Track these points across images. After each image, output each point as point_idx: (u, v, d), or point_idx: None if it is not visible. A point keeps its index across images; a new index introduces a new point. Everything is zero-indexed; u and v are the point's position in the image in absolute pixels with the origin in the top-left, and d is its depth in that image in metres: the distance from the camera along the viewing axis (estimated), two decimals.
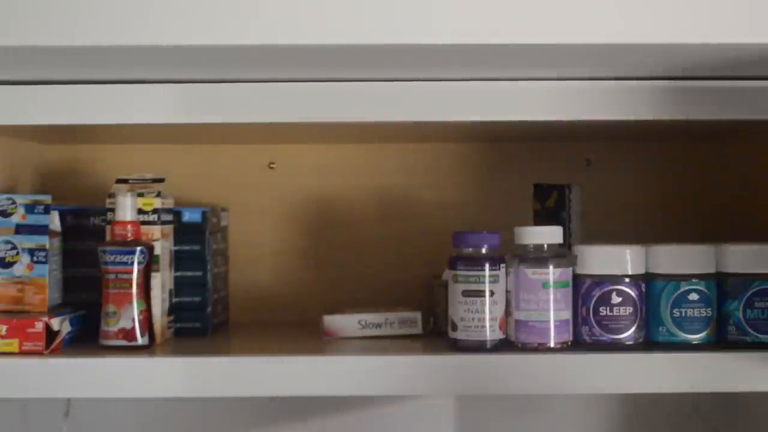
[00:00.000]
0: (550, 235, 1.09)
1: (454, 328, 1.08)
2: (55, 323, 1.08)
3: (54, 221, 1.16)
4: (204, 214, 1.21)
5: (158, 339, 1.13)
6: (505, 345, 1.08)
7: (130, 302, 1.08)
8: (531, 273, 1.07)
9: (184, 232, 1.20)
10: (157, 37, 0.92)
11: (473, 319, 1.07)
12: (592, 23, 0.92)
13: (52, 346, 1.08)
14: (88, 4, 0.92)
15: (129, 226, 1.10)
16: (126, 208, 1.10)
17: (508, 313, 1.09)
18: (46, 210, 1.14)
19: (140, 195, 1.13)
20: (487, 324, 1.07)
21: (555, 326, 1.07)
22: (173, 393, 1.04)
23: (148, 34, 0.92)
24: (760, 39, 0.92)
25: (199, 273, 1.21)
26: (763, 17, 0.92)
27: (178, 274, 1.19)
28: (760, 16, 0.92)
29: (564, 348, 1.07)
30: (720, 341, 1.09)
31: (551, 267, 1.07)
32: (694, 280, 1.08)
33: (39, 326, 1.07)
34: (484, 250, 1.09)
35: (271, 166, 1.38)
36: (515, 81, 1.06)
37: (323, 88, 1.05)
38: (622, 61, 1.00)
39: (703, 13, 0.92)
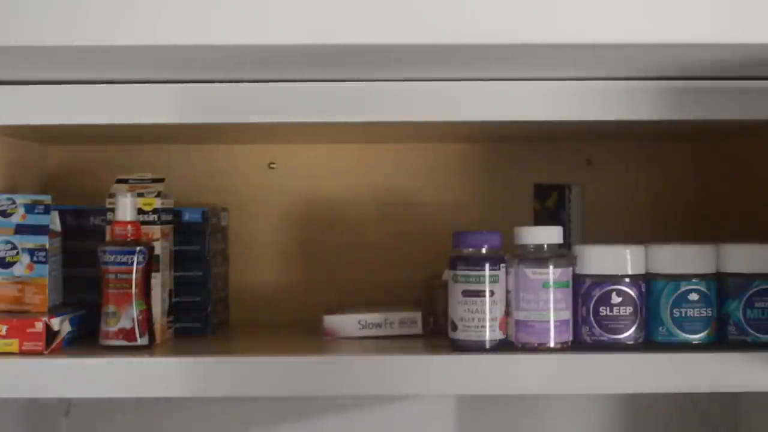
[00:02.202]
0: (550, 235, 1.09)
1: (454, 328, 1.08)
2: (55, 323, 1.08)
3: (54, 221, 1.16)
4: (204, 214, 1.21)
5: (158, 339, 1.13)
6: (505, 345, 1.08)
7: (130, 302, 1.08)
8: (531, 273, 1.07)
9: (184, 232, 1.20)
10: (157, 37, 0.92)
11: (473, 319, 1.07)
12: (591, 23, 0.92)
13: (52, 346, 1.08)
14: (88, 4, 0.92)
15: (129, 226, 1.10)
16: (126, 208, 1.10)
17: (508, 313, 1.09)
18: (46, 210, 1.14)
19: (140, 195, 1.13)
20: (487, 324, 1.07)
21: (555, 326, 1.07)
22: (173, 393, 1.04)
23: (149, 34, 0.92)
24: (760, 39, 0.92)
25: (199, 273, 1.21)
26: (763, 17, 0.92)
27: (178, 274, 1.19)
28: (760, 16, 0.92)
29: (564, 348, 1.07)
30: (720, 341, 1.09)
31: (551, 267, 1.07)
32: (694, 280, 1.08)
33: (39, 326, 1.07)
34: (484, 250, 1.09)
35: (271, 166, 1.38)
36: (515, 81, 1.06)
37: (323, 88, 1.05)
38: (622, 61, 1.00)
39: (703, 13, 0.92)
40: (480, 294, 1.07)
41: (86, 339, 1.12)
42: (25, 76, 1.05)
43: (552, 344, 1.07)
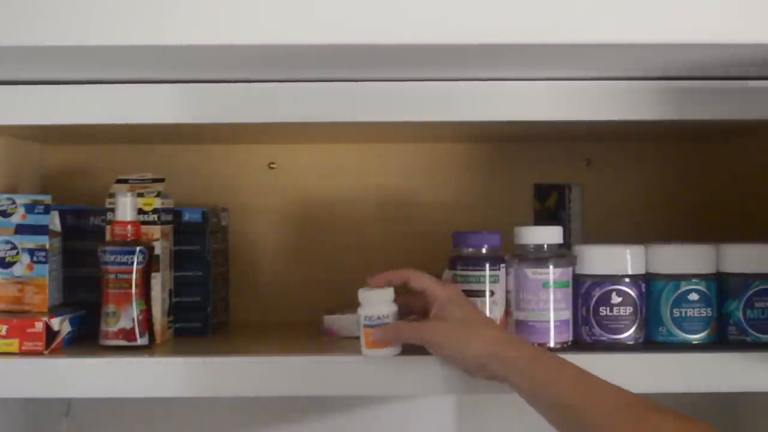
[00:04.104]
0: (550, 235, 1.09)
1: None
2: (55, 323, 1.08)
3: (54, 221, 1.16)
4: (204, 214, 1.21)
5: (158, 339, 1.13)
6: None
7: (130, 302, 1.08)
8: (531, 273, 1.07)
9: (184, 232, 1.20)
10: (157, 37, 0.92)
11: None
12: (592, 23, 0.92)
13: (52, 346, 1.08)
14: (88, 4, 0.92)
15: (129, 226, 1.10)
16: (126, 208, 1.10)
17: (508, 313, 1.09)
18: (46, 210, 1.14)
19: (140, 195, 1.13)
20: None
21: (555, 326, 1.07)
22: (173, 393, 1.04)
23: (148, 34, 0.92)
24: (761, 39, 0.92)
25: (199, 273, 1.21)
26: (764, 17, 0.92)
27: (178, 274, 1.19)
28: (760, 16, 0.92)
29: (564, 348, 1.07)
30: (720, 341, 1.09)
31: (551, 267, 1.07)
32: (694, 280, 1.08)
33: (39, 326, 1.07)
34: (484, 250, 1.09)
35: (271, 166, 1.38)
36: (515, 81, 1.06)
37: (323, 88, 1.05)
38: (622, 61, 1.00)
39: (703, 13, 0.92)
40: (480, 294, 1.08)
41: (86, 339, 1.12)
42: (25, 76, 1.05)
43: (552, 344, 1.07)
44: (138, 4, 0.92)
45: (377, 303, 1.05)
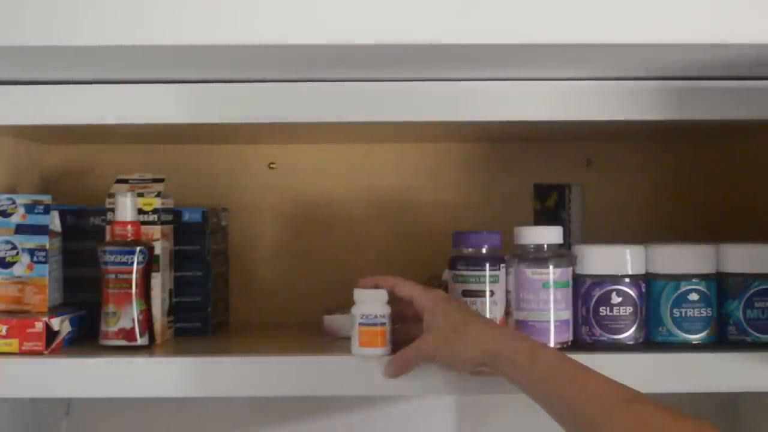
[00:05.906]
0: (550, 235, 1.09)
1: None
2: (55, 323, 1.08)
3: (54, 221, 1.16)
4: (204, 214, 1.21)
5: (158, 339, 1.13)
6: None
7: (130, 302, 1.08)
8: (531, 273, 1.07)
9: (184, 232, 1.20)
10: (157, 37, 0.92)
11: None
12: (592, 23, 0.92)
13: (52, 346, 1.08)
14: (88, 4, 0.92)
15: (129, 226, 1.10)
16: (126, 208, 1.10)
17: (508, 313, 1.09)
18: (46, 210, 1.14)
19: (140, 195, 1.13)
20: None
21: (555, 326, 1.07)
22: (173, 393, 1.04)
23: (148, 34, 0.92)
24: (761, 39, 0.92)
25: (199, 273, 1.21)
26: (764, 17, 0.92)
27: (178, 274, 1.19)
28: (760, 16, 0.92)
29: (564, 348, 1.07)
30: (720, 341, 1.09)
31: (551, 267, 1.07)
32: (694, 280, 1.08)
33: (39, 326, 1.07)
34: (484, 250, 1.09)
35: (271, 166, 1.38)
36: (515, 81, 1.06)
37: (323, 88, 1.05)
38: (622, 61, 1.00)
39: (703, 13, 0.92)
40: (480, 294, 1.08)
41: (86, 339, 1.12)
42: (24, 76, 1.05)
43: (552, 344, 1.07)
44: (138, 5, 0.92)
45: (373, 302, 1.05)
